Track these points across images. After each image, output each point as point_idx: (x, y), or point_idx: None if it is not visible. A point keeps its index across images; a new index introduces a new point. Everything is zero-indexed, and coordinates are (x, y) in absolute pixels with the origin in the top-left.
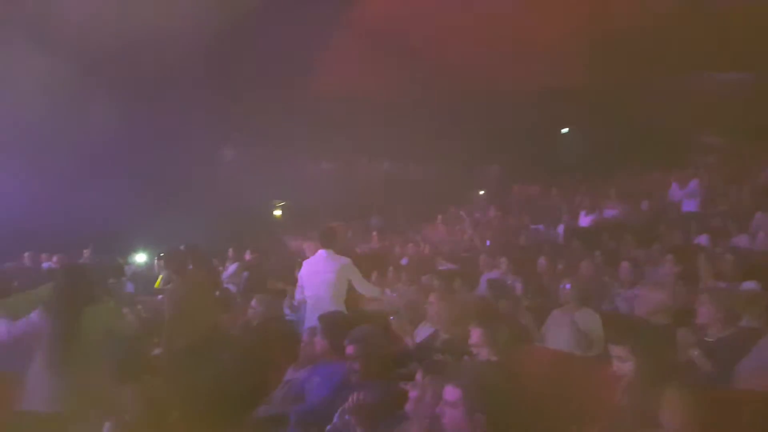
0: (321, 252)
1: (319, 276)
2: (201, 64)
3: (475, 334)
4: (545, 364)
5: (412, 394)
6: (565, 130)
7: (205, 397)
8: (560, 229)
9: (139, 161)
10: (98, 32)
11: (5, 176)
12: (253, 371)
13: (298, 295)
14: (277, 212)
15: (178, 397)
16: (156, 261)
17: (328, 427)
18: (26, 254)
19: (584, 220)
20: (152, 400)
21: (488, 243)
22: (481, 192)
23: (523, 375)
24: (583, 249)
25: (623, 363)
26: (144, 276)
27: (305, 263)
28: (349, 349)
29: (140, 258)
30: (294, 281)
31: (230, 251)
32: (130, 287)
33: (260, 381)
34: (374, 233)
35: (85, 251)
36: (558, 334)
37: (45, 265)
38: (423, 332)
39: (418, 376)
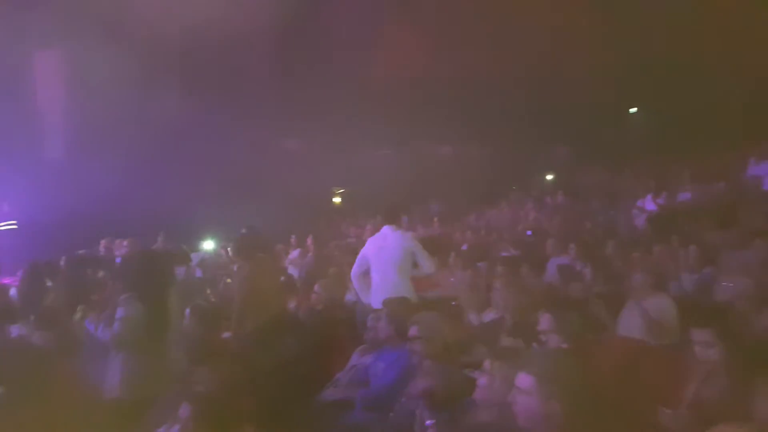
0: (385, 228)
1: (385, 252)
2: (263, 55)
3: (545, 320)
4: (617, 352)
5: (482, 381)
6: (633, 110)
7: (272, 379)
8: (632, 213)
9: (207, 151)
10: (167, 27)
11: (81, 167)
12: (317, 355)
13: (354, 270)
14: (337, 199)
15: (248, 379)
16: (223, 248)
17: (392, 413)
18: (102, 241)
19: (656, 204)
20: (225, 381)
21: (529, 233)
22: (548, 176)
23: (596, 363)
24: (656, 233)
25: (708, 348)
26: (211, 262)
27: (369, 240)
28: (412, 331)
29: (208, 245)
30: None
31: (293, 238)
32: (198, 273)
33: (324, 365)
34: (435, 219)
35: (158, 239)
36: (630, 322)
37: (117, 252)
38: (487, 319)
39: (487, 363)
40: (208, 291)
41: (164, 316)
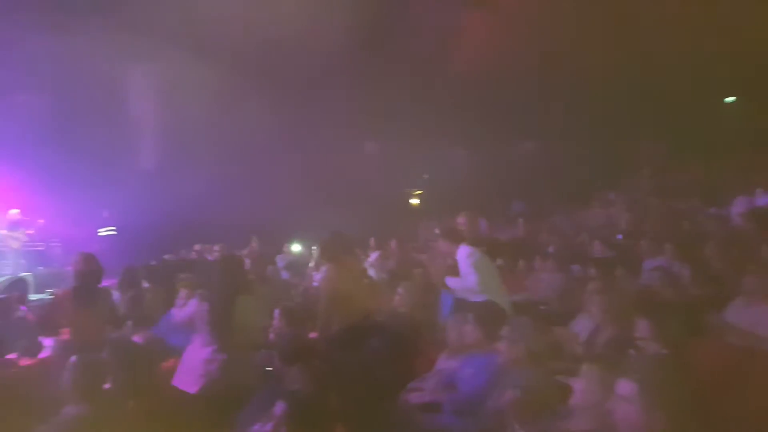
0: (456, 247)
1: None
2: (341, 60)
3: (643, 326)
4: (723, 358)
5: (578, 386)
6: (729, 99)
7: (358, 381)
8: (733, 210)
9: (292, 156)
10: (250, 38)
11: (175, 176)
12: (401, 358)
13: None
14: (414, 201)
15: (335, 380)
16: (310, 250)
17: (481, 419)
18: (196, 246)
19: (761, 200)
20: (317, 380)
21: (619, 237)
22: (641, 173)
23: (700, 370)
24: (761, 232)
25: None
26: (298, 264)
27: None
28: (502, 335)
29: (294, 247)
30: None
31: (372, 240)
32: (285, 275)
33: (408, 367)
34: (520, 220)
35: (252, 243)
36: (745, 323)
37: (208, 256)
38: (580, 324)
39: (584, 368)
40: (293, 292)
41: (245, 317)
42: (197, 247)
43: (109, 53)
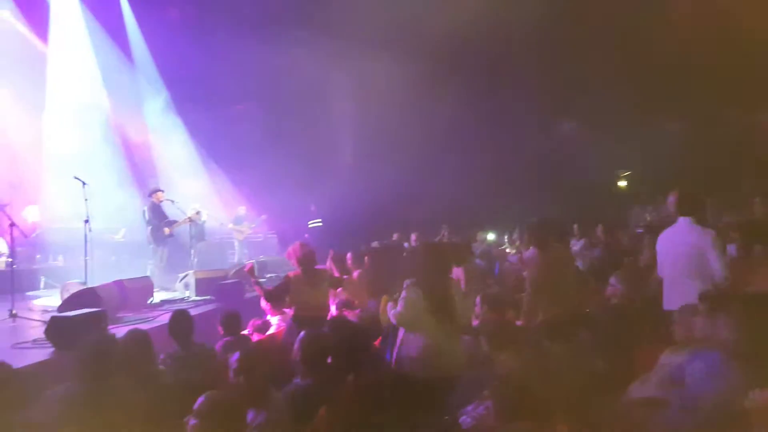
0: (681, 220)
1: (677, 248)
2: (534, 42)
3: None
4: None
5: None
6: None
7: (568, 373)
8: None
9: (485, 143)
10: (438, 29)
11: (374, 169)
12: (614, 351)
13: (659, 271)
14: (622, 183)
15: (547, 369)
16: (506, 237)
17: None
18: (395, 234)
19: None
20: (528, 368)
21: None
22: None
23: None
24: None
25: None
26: (492, 253)
27: (662, 234)
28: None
29: (489, 236)
30: None
31: (575, 227)
32: (479, 263)
33: (624, 362)
34: (756, 199)
35: (443, 231)
36: None
37: (407, 244)
38: None
39: None
40: (489, 281)
41: (445, 302)
42: (395, 236)
43: (311, 60)
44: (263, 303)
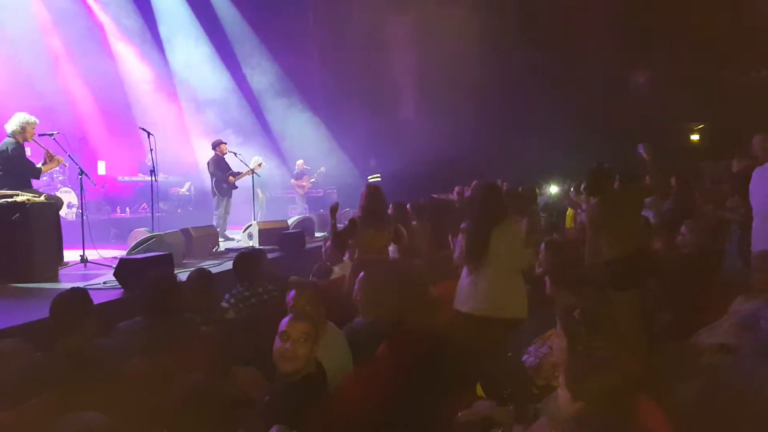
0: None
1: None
2: None
3: None
4: None
5: None
6: None
7: (632, 320)
8: None
9: (549, 93)
10: None
11: (433, 122)
12: (681, 299)
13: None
14: (695, 137)
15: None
16: (572, 189)
17: None
18: (456, 188)
19: None
20: (593, 310)
21: None
22: None
23: None
24: None
25: None
26: (555, 206)
27: (756, 171)
28: None
29: (552, 189)
30: None
31: (647, 178)
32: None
33: (690, 310)
34: None
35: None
36: None
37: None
38: None
39: None
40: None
41: (507, 243)
42: (457, 188)
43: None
44: (326, 248)
